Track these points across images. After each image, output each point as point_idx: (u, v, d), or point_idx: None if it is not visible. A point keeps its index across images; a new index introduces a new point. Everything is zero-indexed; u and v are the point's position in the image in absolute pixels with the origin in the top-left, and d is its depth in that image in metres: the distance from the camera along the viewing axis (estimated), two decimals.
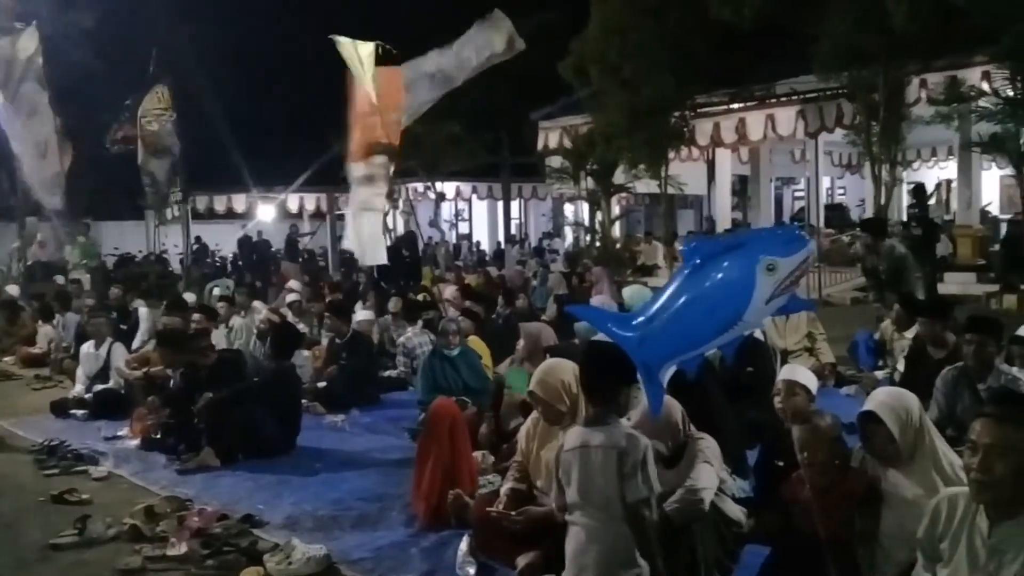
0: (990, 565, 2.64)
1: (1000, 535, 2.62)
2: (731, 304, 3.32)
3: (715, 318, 3.35)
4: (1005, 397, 2.75)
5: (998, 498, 2.61)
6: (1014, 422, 2.54)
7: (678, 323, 3.39)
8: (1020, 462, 2.52)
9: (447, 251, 26.24)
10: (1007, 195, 19.63)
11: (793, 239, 3.37)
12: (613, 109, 18.06)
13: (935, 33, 13.74)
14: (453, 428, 4.95)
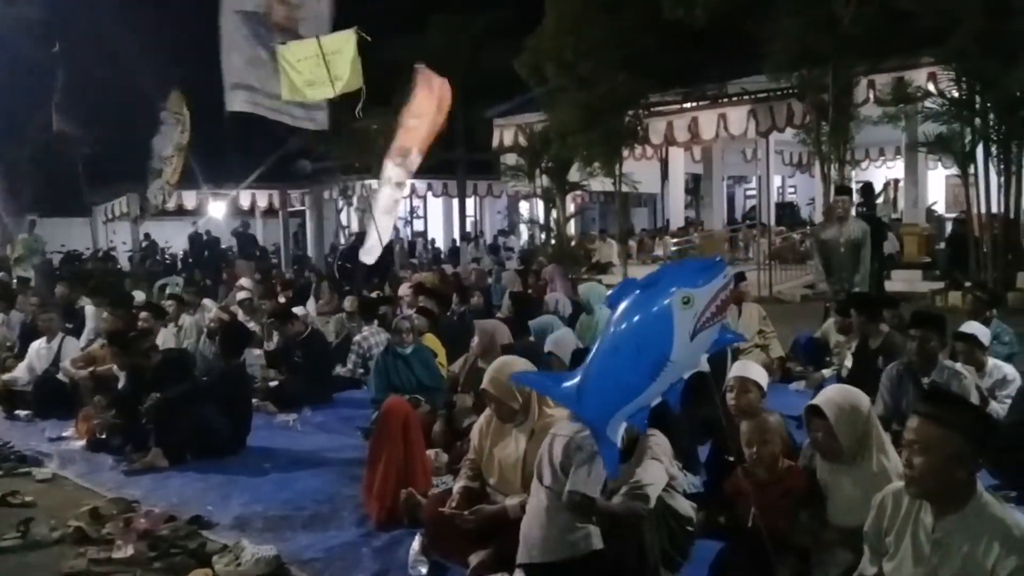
0: (934, 558, 2.68)
1: (943, 529, 2.67)
2: (654, 346, 3.11)
3: (642, 363, 3.14)
4: (934, 396, 2.79)
5: (923, 492, 2.68)
6: (938, 421, 2.60)
7: (609, 374, 3.20)
8: (940, 459, 2.59)
9: (402, 248, 26.11)
10: (952, 194, 20.06)
11: (706, 268, 3.19)
12: (568, 107, 18.13)
13: (883, 35, 14.03)
14: (406, 427, 4.91)
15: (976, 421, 2.65)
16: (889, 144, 22.46)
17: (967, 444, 2.59)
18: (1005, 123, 13.32)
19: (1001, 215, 13.93)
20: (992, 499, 2.67)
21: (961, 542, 2.63)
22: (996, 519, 2.59)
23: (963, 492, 2.63)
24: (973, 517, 2.62)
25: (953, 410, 2.64)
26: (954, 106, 13.70)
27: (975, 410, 2.66)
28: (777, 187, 27.06)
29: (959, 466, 2.60)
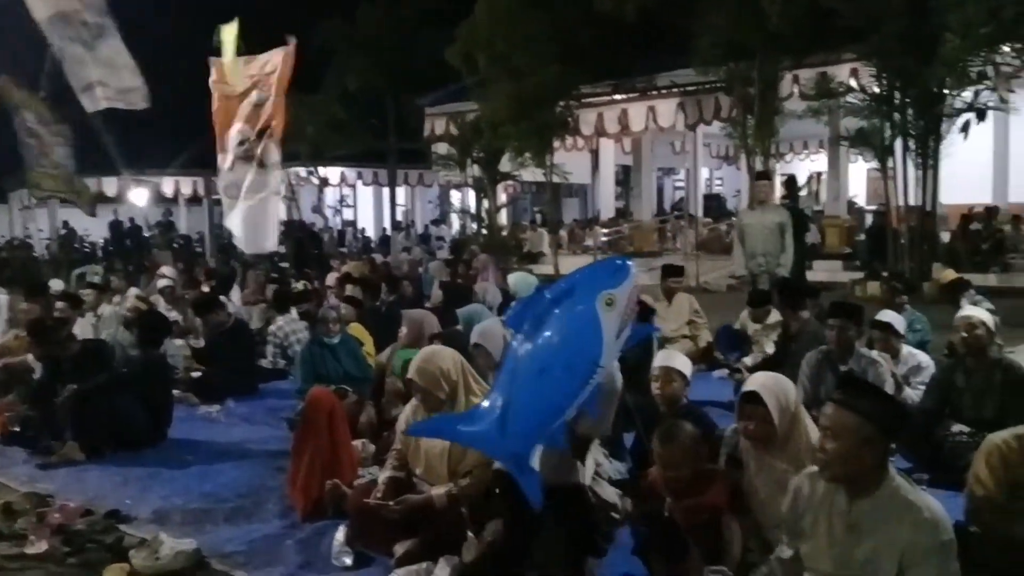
0: (847, 540, 2.76)
1: (857, 512, 2.74)
2: (586, 354, 3.06)
3: (575, 377, 3.08)
4: (848, 384, 2.85)
5: (836, 476, 2.76)
6: (851, 408, 2.68)
7: (537, 399, 3.10)
8: (851, 445, 2.67)
9: (331, 238, 25.81)
10: (873, 187, 20.62)
11: (618, 268, 3.17)
12: (499, 97, 18.11)
13: (807, 31, 14.31)
14: (331, 417, 4.85)
15: (888, 410, 2.72)
16: (813, 138, 22.95)
17: (878, 431, 2.67)
18: (922, 118, 13.70)
19: (918, 207, 14.36)
20: (904, 483, 2.75)
21: (873, 524, 2.70)
22: (907, 502, 2.67)
23: (875, 476, 2.71)
24: (885, 500, 2.69)
25: (866, 398, 2.71)
26: (874, 101, 14.06)
27: (887, 399, 2.75)
28: (705, 179, 27.46)
29: (870, 452, 2.67)
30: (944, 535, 2.63)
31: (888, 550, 2.66)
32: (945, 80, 12.91)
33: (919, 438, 5.06)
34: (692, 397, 4.74)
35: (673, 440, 3.46)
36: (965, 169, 16.90)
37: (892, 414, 2.73)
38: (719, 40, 14.97)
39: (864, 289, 13.60)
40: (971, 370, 4.95)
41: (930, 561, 2.59)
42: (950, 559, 2.62)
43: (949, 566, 2.61)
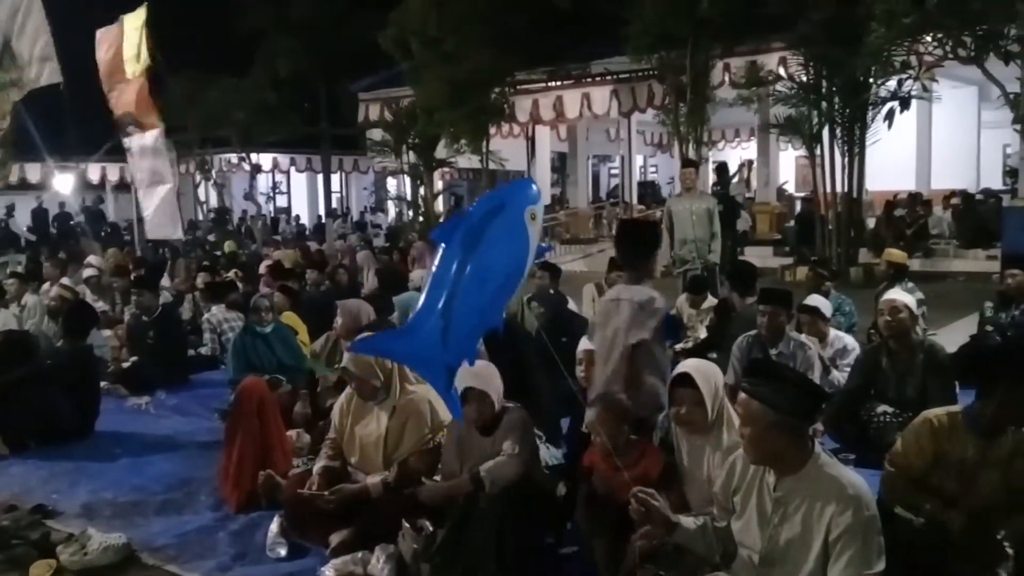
0: (775, 517, 2.83)
1: (784, 488, 2.82)
2: (518, 261, 3.27)
3: (512, 282, 3.30)
4: (753, 373, 2.91)
5: (756, 459, 2.85)
6: (756, 396, 2.77)
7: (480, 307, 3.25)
8: (761, 430, 2.76)
9: (264, 225, 25.41)
10: (802, 174, 21.07)
11: (530, 186, 3.40)
12: (434, 83, 17.99)
13: (737, 19, 14.51)
14: (262, 407, 4.79)
15: (790, 395, 2.78)
16: (744, 126, 23.34)
17: (784, 415, 2.73)
18: (849, 106, 14.01)
19: (844, 194, 14.70)
20: (830, 460, 2.82)
21: (800, 501, 2.78)
22: (832, 478, 2.75)
23: (798, 455, 2.78)
24: (811, 478, 2.77)
25: (767, 386, 2.77)
26: (802, 90, 14.32)
27: (790, 384, 2.80)
28: (639, 166, 27.72)
29: (779, 436, 2.75)
30: (868, 511, 2.70)
31: (814, 526, 2.73)
32: (870, 69, 13.21)
33: (845, 419, 5.21)
34: None
35: (610, 404, 3.65)
36: (890, 156, 17.41)
37: (794, 399, 2.79)
38: (651, 28, 15.08)
39: (794, 274, 13.91)
40: (894, 352, 5.08)
41: (855, 537, 2.66)
42: (874, 534, 2.69)
43: (873, 541, 2.69)
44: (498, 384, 3.92)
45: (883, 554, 2.70)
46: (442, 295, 3.22)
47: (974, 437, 3.23)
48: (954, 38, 11.74)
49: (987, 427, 3.20)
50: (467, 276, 3.22)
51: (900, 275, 7.40)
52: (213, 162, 24.91)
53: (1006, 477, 3.19)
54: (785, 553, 2.80)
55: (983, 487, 3.20)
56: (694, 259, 8.96)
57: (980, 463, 3.22)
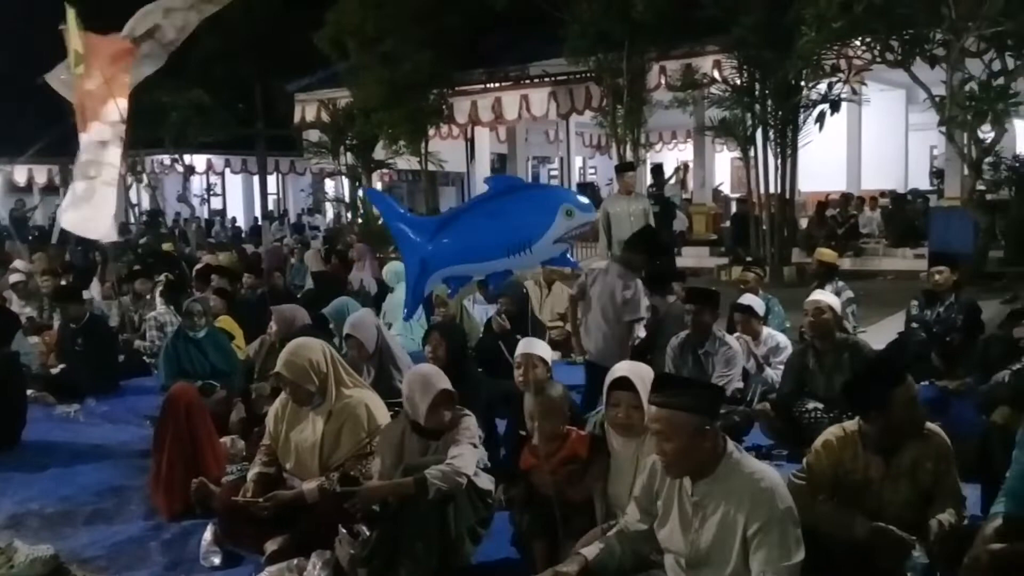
0: (695, 520, 2.86)
1: (700, 492, 2.85)
2: (526, 231, 3.61)
3: (508, 240, 3.62)
4: (659, 385, 2.92)
5: (681, 473, 2.87)
6: (668, 407, 2.78)
7: (472, 236, 3.68)
8: (683, 440, 2.76)
9: (198, 227, 24.95)
10: (737, 176, 21.40)
11: (589, 202, 3.78)
12: (372, 83, 17.85)
13: (672, 22, 14.68)
14: (191, 413, 4.70)
15: (705, 394, 2.84)
16: (680, 128, 23.58)
17: (700, 418, 2.76)
18: (781, 109, 14.27)
19: (778, 195, 14.98)
20: (742, 456, 2.86)
21: (717, 503, 2.80)
22: (745, 475, 2.78)
23: (714, 458, 2.81)
24: (725, 477, 2.80)
25: (683, 392, 2.80)
26: (736, 92, 14.55)
27: (700, 384, 2.85)
28: (579, 168, 27.88)
29: (702, 440, 2.78)
30: (782, 503, 2.73)
31: (732, 525, 2.76)
32: (801, 72, 13.47)
33: (778, 416, 5.31)
34: None
35: (542, 392, 3.73)
36: (821, 158, 17.78)
37: (710, 397, 2.85)
38: (588, 30, 15.18)
39: (730, 274, 14.12)
40: (821, 352, 5.21)
41: (771, 530, 2.69)
42: (790, 526, 2.72)
43: (790, 533, 2.71)
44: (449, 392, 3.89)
45: (801, 544, 2.72)
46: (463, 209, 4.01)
47: (873, 455, 3.27)
48: (882, 42, 12.07)
49: (881, 447, 3.25)
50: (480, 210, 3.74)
51: (831, 274, 7.56)
52: (145, 163, 24.38)
53: (914, 486, 3.25)
54: (709, 555, 2.83)
55: (894, 502, 3.25)
56: None
57: (885, 479, 3.26)
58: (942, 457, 3.26)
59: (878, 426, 3.22)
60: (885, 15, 11.41)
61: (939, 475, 3.24)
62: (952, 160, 14.05)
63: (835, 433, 3.39)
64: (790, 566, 2.68)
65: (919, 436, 3.26)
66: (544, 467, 3.63)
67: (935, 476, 3.24)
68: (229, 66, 24.19)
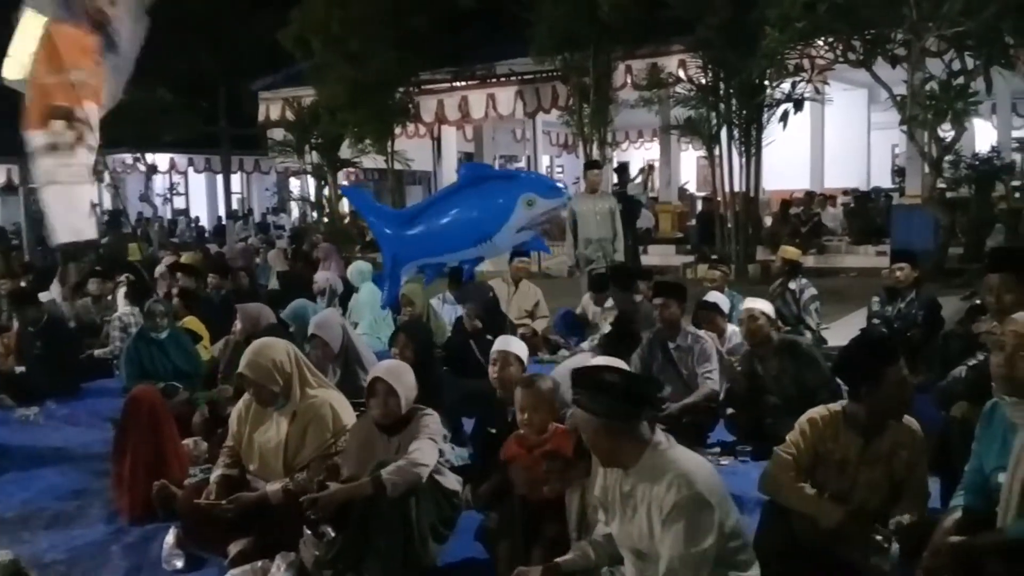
0: (628, 512, 2.90)
1: (629, 483, 2.88)
2: (487, 223, 3.82)
3: (470, 231, 3.86)
4: (575, 382, 2.94)
5: (605, 463, 2.96)
6: (582, 407, 2.87)
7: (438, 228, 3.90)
8: (591, 437, 2.87)
9: (161, 227, 24.67)
10: (702, 174, 21.55)
11: (555, 187, 3.98)
12: (337, 82, 17.78)
13: (638, 23, 14.77)
14: (153, 415, 4.64)
15: (607, 401, 2.83)
16: (646, 127, 23.73)
17: (610, 418, 2.81)
18: (745, 108, 14.42)
19: (743, 193, 15.12)
20: (670, 445, 2.88)
21: (643, 492, 2.83)
22: (665, 463, 2.80)
23: (632, 450, 2.85)
24: (648, 467, 2.83)
25: (587, 394, 2.86)
26: (701, 92, 14.67)
27: (607, 390, 2.86)
28: (546, 167, 27.92)
29: (606, 437, 2.84)
30: (693, 488, 2.71)
31: (653, 513, 2.78)
32: (765, 72, 13.61)
33: (738, 414, 5.37)
34: None
35: (533, 385, 3.72)
36: (785, 156, 17.99)
37: (609, 405, 2.84)
38: (555, 30, 15.23)
39: (695, 272, 14.22)
40: (763, 357, 5.28)
41: (680, 514, 2.69)
42: (700, 512, 2.70)
43: (699, 519, 2.69)
44: (409, 384, 3.90)
45: (712, 531, 2.70)
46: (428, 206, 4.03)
47: (855, 436, 3.30)
48: (844, 42, 12.22)
49: (865, 427, 3.28)
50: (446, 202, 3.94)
51: (795, 271, 7.63)
52: (106, 163, 24.04)
53: (887, 472, 3.29)
54: (646, 546, 2.85)
55: (865, 485, 3.28)
56: (599, 258, 9.09)
57: (861, 461, 3.29)
58: (916, 448, 3.30)
59: (866, 404, 3.25)
60: (847, 15, 11.55)
61: (912, 466, 3.28)
62: (913, 158, 14.25)
63: (819, 412, 3.42)
64: (696, 552, 2.67)
65: (901, 422, 3.30)
66: (527, 458, 3.63)
67: (908, 466, 3.28)
68: (192, 64, 23.94)
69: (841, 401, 3.42)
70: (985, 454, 3.01)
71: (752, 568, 2.89)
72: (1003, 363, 2.84)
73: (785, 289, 7.46)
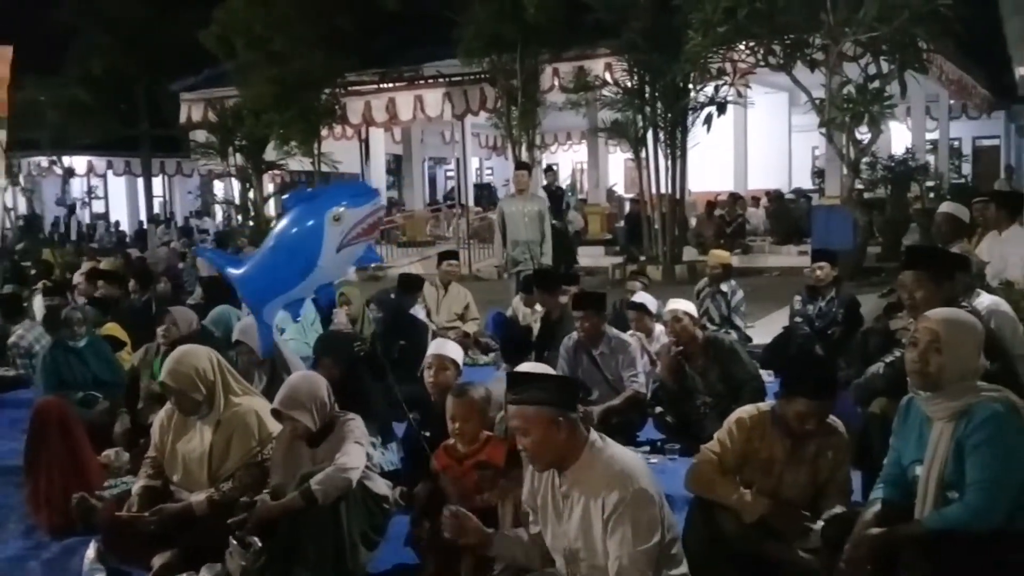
0: (564, 512, 2.92)
1: (566, 483, 2.90)
2: (305, 251, 3.64)
3: (294, 263, 3.69)
4: (512, 382, 2.96)
5: (546, 466, 2.92)
6: (523, 403, 2.85)
7: (268, 268, 3.75)
8: (540, 433, 2.83)
9: (79, 232, 23.96)
10: (630, 176, 21.80)
11: (361, 192, 3.77)
12: (261, 83, 17.48)
13: (564, 25, 14.88)
14: (63, 426, 4.49)
15: (550, 389, 2.88)
16: (575, 129, 23.90)
17: (552, 410, 2.82)
18: (670, 111, 14.61)
19: (669, 195, 15.33)
20: (605, 444, 2.91)
21: (580, 492, 2.85)
22: (604, 461, 2.83)
23: (575, 447, 2.86)
24: (586, 466, 2.85)
25: (533, 387, 2.87)
26: (627, 94, 14.84)
27: (551, 378, 2.91)
28: (475, 169, 27.95)
29: (557, 430, 2.83)
30: (634, 485, 2.76)
31: (593, 513, 2.80)
32: (689, 75, 13.84)
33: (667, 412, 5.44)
34: None
35: (465, 394, 3.69)
36: (710, 159, 18.31)
37: (557, 390, 2.90)
38: (481, 31, 15.24)
39: (624, 273, 14.35)
40: (689, 355, 5.36)
41: (624, 513, 2.72)
42: (645, 508, 2.75)
43: (642, 515, 2.74)
44: (316, 402, 3.79)
45: (657, 528, 2.75)
46: (261, 247, 3.90)
47: (782, 436, 3.37)
48: (764, 47, 12.48)
49: (792, 431, 3.35)
50: (272, 238, 3.80)
51: (727, 274, 7.78)
52: (21, 166, 23.26)
53: (812, 473, 3.36)
54: (581, 546, 2.87)
55: (790, 484, 3.35)
56: (527, 260, 9.11)
57: (788, 461, 3.35)
58: (841, 449, 3.38)
59: (799, 412, 3.30)
60: (767, 20, 11.82)
61: (835, 467, 3.36)
62: (832, 160, 14.62)
63: (748, 411, 3.47)
64: (645, 549, 2.71)
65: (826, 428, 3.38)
66: (458, 469, 3.61)
67: (832, 468, 3.36)
68: (110, 64, 23.31)
69: (770, 401, 3.49)
70: (902, 448, 3.10)
71: (681, 566, 2.93)
72: (917, 359, 2.93)
73: (717, 291, 7.59)
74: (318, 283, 3.86)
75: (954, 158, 22.19)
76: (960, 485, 2.83)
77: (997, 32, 13.98)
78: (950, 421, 2.88)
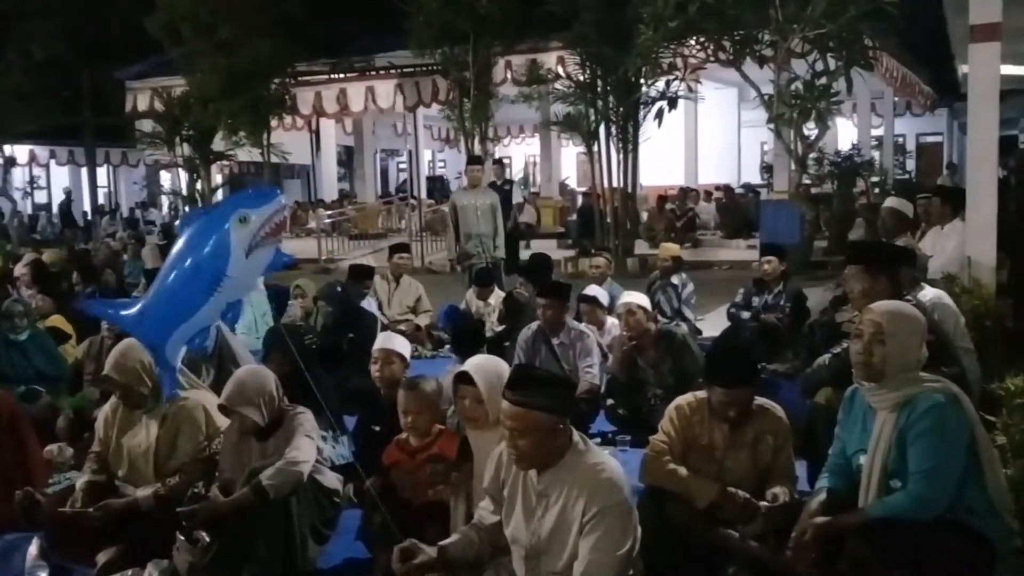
0: (539, 509, 2.91)
1: (545, 482, 2.89)
2: (212, 263, 3.46)
3: (200, 280, 3.47)
4: (515, 383, 2.91)
5: (533, 467, 2.90)
6: (525, 405, 2.79)
7: (169, 294, 3.51)
8: (537, 437, 2.79)
9: (21, 223, 23.38)
10: (583, 170, 21.90)
11: (263, 195, 3.63)
12: (208, 71, 17.19)
13: (517, 18, 14.86)
14: (10, 421, 4.39)
15: (559, 393, 2.86)
16: (527, 122, 23.93)
17: (554, 416, 2.80)
18: (622, 105, 14.69)
19: (621, 189, 15.42)
20: (588, 448, 2.91)
21: (559, 492, 2.85)
22: (588, 466, 2.84)
23: (563, 448, 2.86)
24: (569, 468, 2.85)
25: (539, 392, 2.81)
26: (579, 88, 14.87)
27: (557, 383, 2.90)
28: (428, 161, 27.82)
29: (554, 436, 2.82)
30: (619, 494, 2.80)
31: (571, 515, 2.81)
32: (640, 70, 13.91)
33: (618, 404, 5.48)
34: None
35: (416, 387, 3.70)
36: (661, 153, 18.46)
37: (564, 396, 2.89)
38: (433, 22, 15.16)
39: (576, 265, 14.43)
40: (642, 348, 5.42)
41: (604, 518, 2.75)
42: (625, 518, 2.79)
43: (626, 525, 2.78)
44: (263, 396, 3.76)
45: (633, 535, 2.79)
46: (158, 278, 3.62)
47: (719, 423, 3.42)
48: (715, 42, 12.60)
49: (727, 417, 3.39)
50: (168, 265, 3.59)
51: (678, 267, 7.85)
52: None
53: (753, 458, 3.41)
54: (549, 544, 2.87)
55: (732, 469, 3.40)
56: (479, 253, 9.12)
57: (728, 448, 3.41)
58: (781, 434, 3.43)
59: (719, 400, 3.35)
60: (717, 16, 11.92)
61: (777, 451, 3.41)
62: (780, 155, 14.83)
63: (687, 399, 3.52)
64: (620, 555, 2.75)
65: (760, 412, 3.43)
66: (410, 463, 3.60)
67: (774, 451, 3.41)
68: (53, 50, 22.73)
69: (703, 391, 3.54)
70: (847, 438, 3.16)
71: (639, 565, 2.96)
72: (861, 351, 2.99)
73: (668, 284, 7.65)
74: (227, 300, 3.59)
75: (898, 154, 22.62)
76: (903, 474, 2.90)
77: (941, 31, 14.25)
78: (893, 411, 2.94)
